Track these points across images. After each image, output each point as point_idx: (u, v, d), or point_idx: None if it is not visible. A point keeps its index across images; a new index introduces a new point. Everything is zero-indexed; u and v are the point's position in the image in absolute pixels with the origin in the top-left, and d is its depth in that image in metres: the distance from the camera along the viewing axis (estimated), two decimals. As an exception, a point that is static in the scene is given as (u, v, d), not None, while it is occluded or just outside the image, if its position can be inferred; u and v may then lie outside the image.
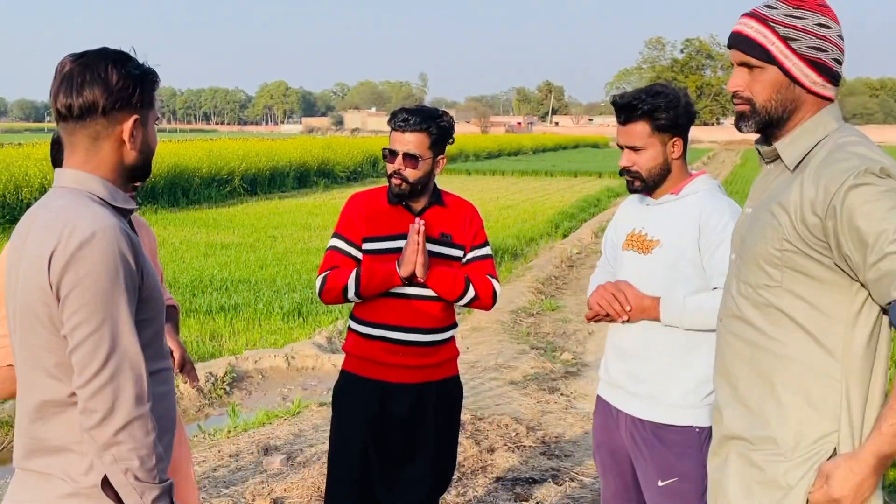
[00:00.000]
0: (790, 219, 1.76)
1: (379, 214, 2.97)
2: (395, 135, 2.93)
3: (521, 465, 4.67)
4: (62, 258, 1.63)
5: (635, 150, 2.63)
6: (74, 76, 1.72)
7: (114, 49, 1.78)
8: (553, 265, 11.56)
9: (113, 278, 1.64)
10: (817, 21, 1.77)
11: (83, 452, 1.70)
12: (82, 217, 1.66)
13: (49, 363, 1.70)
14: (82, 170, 1.76)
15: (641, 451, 2.63)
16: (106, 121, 1.74)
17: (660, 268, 2.61)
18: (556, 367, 6.85)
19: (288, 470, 4.53)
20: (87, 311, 1.62)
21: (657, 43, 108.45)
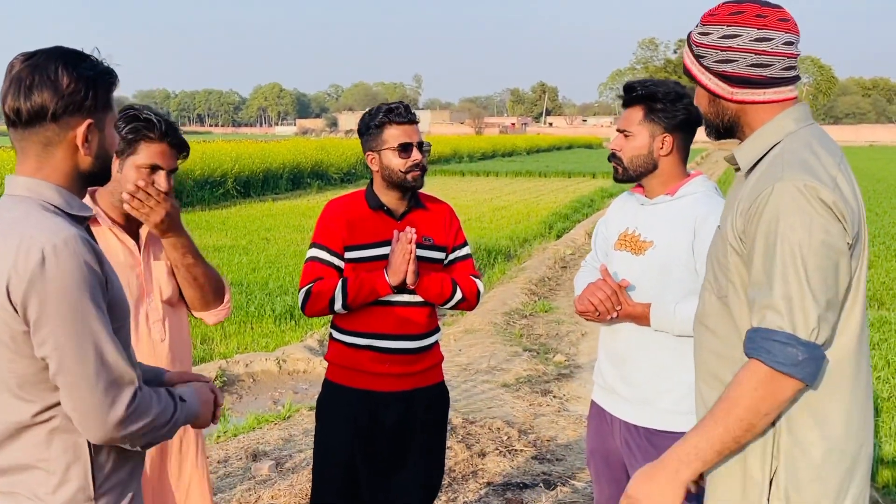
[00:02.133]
0: (733, 224, 1.77)
1: (360, 221, 2.90)
2: (403, 128, 2.86)
3: (513, 470, 4.62)
4: (23, 278, 1.54)
5: (626, 134, 2.62)
6: (23, 78, 1.62)
7: (67, 48, 1.67)
8: (546, 266, 11.52)
9: (82, 291, 1.56)
10: (722, 34, 1.80)
11: (50, 470, 1.64)
12: (38, 230, 1.57)
13: (13, 384, 1.62)
14: (35, 177, 1.66)
15: (636, 457, 2.59)
16: (57, 126, 1.64)
17: (652, 270, 2.57)
18: (549, 369, 6.81)
19: (276, 476, 4.48)
20: (63, 332, 1.55)
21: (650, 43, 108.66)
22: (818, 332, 1.63)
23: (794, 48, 1.80)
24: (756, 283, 1.69)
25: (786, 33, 1.78)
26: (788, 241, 1.64)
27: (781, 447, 1.72)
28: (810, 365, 1.63)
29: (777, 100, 1.82)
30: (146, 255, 2.49)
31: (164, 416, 1.70)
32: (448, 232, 3.01)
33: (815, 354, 1.63)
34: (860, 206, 1.74)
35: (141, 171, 2.37)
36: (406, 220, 2.92)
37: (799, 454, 1.71)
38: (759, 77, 1.79)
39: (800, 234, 1.63)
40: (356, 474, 2.91)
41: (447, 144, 43.52)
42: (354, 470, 2.91)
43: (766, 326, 1.65)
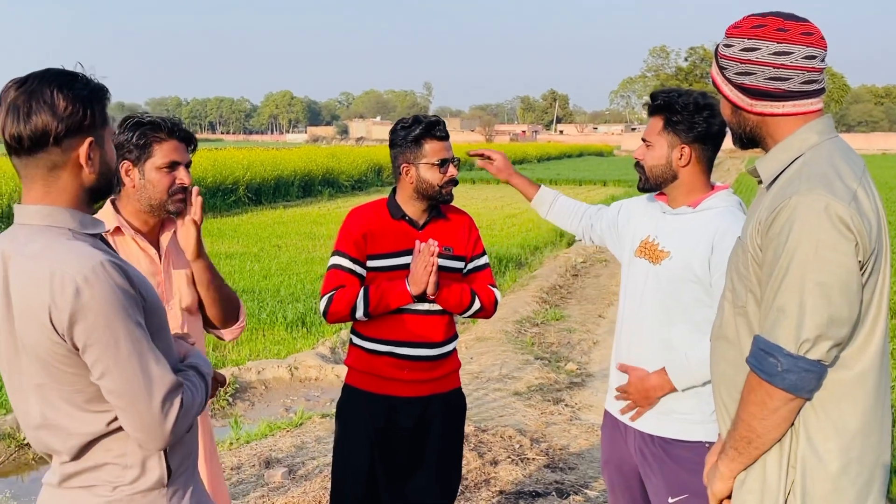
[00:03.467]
0: (752, 236, 1.78)
1: (382, 230, 2.93)
2: (442, 144, 2.93)
3: (525, 479, 4.62)
4: (64, 310, 1.59)
5: (647, 143, 2.63)
6: (20, 105, 1.62)
7: (57, 70, 1.68)
8: (558, 274, 11.51)
9: (118, 314, 1.62)
10: (743, 46, 1.82)
11: (128, 465, 1.73)
12: (67, 262, 1.60)
13: (80, 401, 1.69)
14: (44, 203, 1.68)
15: (651, 466, 2.59)
16: (60, 149, 1.66)
17: (667, 280, 2.57)
18: (561, 377, 6.80)
19: (289, 483, 4.49)
20: (108, 357, 1.62)
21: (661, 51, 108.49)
22: (811, 347, 1.64)
23: (817, 62, 1.80)
24: (763, 292, 1.72)
25: (808, 47, 1.79)
26: (793, 255, 1.65)
27: (799, 457, 1.73)
28: (790, 377, 1.65)
29: (797, 112, 1.83)
30: (166, 264, 2.54)
31: (199, 398, 1.78)
32: (468, 242, 3.05)
33: (799, 367, 1.65)
34: (881, 219, 1.74)
35: (162, 171, 2.44)
36: (427, 230, 2.95)
37: (816, 465, 1.72)
38: (777, 90, 1.81)
39: (806, 248, 1.64)
40: (374, 477, 2.95)
41: (457, 151, 43.34)
42: (372, 472, 2.95)
43: (761, 335, 1.70)
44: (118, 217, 2.48)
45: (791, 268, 1.65)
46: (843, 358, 1.70)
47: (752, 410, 1.72)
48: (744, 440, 1.77)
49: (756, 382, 1.70)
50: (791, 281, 1.65)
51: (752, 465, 1.80)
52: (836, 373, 1.70)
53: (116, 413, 1.67)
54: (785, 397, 1.68)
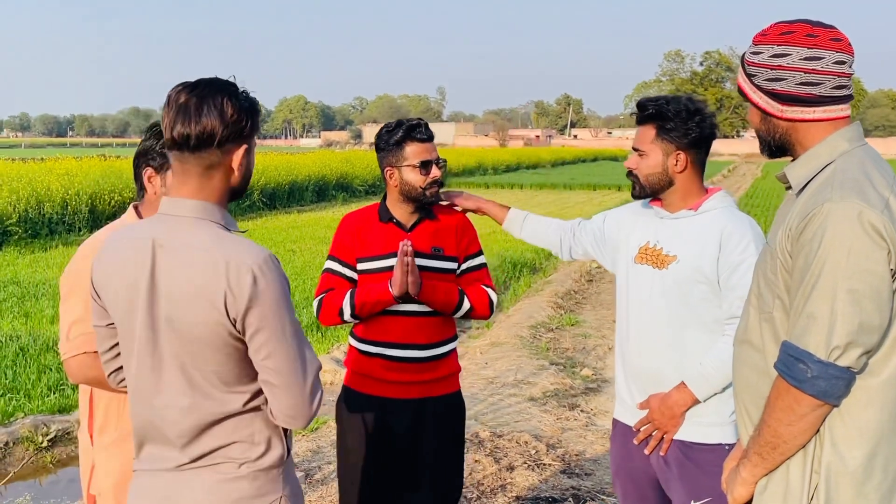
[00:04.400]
0: (782, 242, 1.77)
1: (370, 234, 2.98)
2: (424, 146, 2.93)
3: (541, 484, 4.61)
4: (242, 297, 1.73)
5: (640, 153, 2.62)
6: (192, 108, 1.77)
7: (224, 79, 1.85)
8: (572, 279, 11.49)
9: (285, 301, 1.79)
10: (772, 53, 1.83)
11: (255, 442, 1.85)
12: (242, 253, 1.76)
13: (220, 383, 1.81)
14: (198, 198, 1.82)
15: (672, 471, 2.58)
16: (220, 151, 1.81)
17: (675, 284, 2.57)
18: (576, 383, 6.78)
19: (306, 488, 4.50)
20: (276, 340, 1.77)
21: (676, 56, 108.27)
22: (841, 354, 1.64)
23: (846, 67, 1.80)
24: (793, 298, 1.71)
25: (837, 52, 1.79)
26: (825, 262, 1.65)
27: (823, 463, 1.72)
28: (819, 383, 1.65)
29: (828, 118, 1.82)
30: None
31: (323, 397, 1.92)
32: (460, 242, 3.05)
33: (829, 374, 1.64)
34: None
35: None
36: (415, 232, 2.98)
37: (841, 471, 1.71)
38: (808, 95, 1.80)
39: (837, 255, 1.64)
40: (373, 478, 2.98)
41: (471, 157, 43.62)
42: (370, 473, 2.98)
43: (790, 341, 1.70)
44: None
45: (822, 275, 1.65)
46: (871, 364, 1.69)
47: (778, 416, 1.72)
48: (769, 445, 1.76)
49: (784, 388, 1.70)
50: (822, 288, 1.64)
51: (774, 470, 1.80)
52: (862, 379, 1.69)
53: (270, 392, 1.79)
54: (814, 403, 1.67)
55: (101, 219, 16.69)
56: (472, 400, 6.24)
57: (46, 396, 6.10)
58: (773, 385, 1.74)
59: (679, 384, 2.54)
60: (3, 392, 6.16)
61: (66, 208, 16.67)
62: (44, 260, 12.89)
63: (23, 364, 6.82)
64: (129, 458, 2.43)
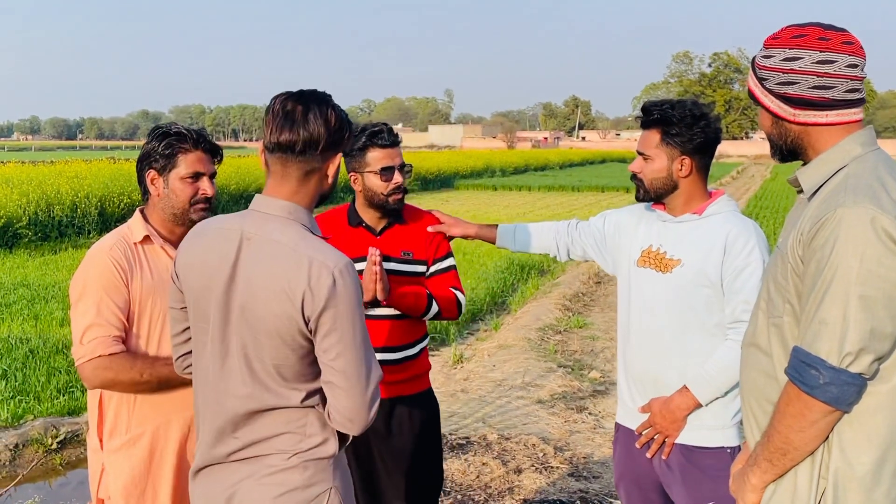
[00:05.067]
0: (793, 247, 1.76)
1: (340, 237, 2.98)
2: (385, 151, 2.91)
3: (549, 487, 4.60)
4: (320, 296, 1.79)
5: (644, 157, 2.62)
6: (298, 114, 1.86)
7: (323, 91, 1.94)
8: (580, 281, 11.47)
9: (358, 307, 1.85)
10: (784, 56, 1.81)
11: (308, 434, 1.90)
12: (323, 254, 1.83)
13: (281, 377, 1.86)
14: (292, 201, 1.91)
15: (674, 475, 2.57)
16: (321, 157, 1.91)
17: (679, 288, 2.56)
18: (584, 385, 6.77)
19: (314, 490, 4.50)
20: (346, 343, 1.82)
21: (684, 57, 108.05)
22: (854, 360, 1.63)
23: (859, 71, 1.79)
24: (804, 303, 1.70)
25: (849, 56, 1.78)
26: (837, 267, 1.63)
27: (831, 469, 1.71)
28: (831, 390, 1.63)
29: (841, 122, 1.81)
30: None
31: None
32: (429, 245, 3.06)
33: (841, 380, 1.63)
34: None
35: (186, 181, 2.48)
36: (385, 236, 2.99)
37: (849, 477, 1.70)
38: (821, 99, 1.79)
39: (850, 261, 1.63)
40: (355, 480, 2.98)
41: (479, 159, 43.61)
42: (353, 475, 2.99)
43: (801, 346, 1.68)
44: (147, 226, 2.51)
45: (835, 280, 1.63)
46: (881, 370, 1.68)
47: (789, 422, 1.71)
48: (779, 452, 1.75)
49: (795, 394, 1.69)
50: (835, 293, 1.63)
51: (782, 476, 1.79)
52: (872, 385, 1.68)
53: (332, 393, 1.84)
54: (825, 410, 1.66)
55: (111, 221, 16.76)
56: (480, 402, 6.24)
57: (56, 399, 6.12)
58: (783, 391, 1.73)
59: (681, 388, 2.53)
60: (12, 394, 6.19)
61: (75, 211, 16.74)
62: (53, 262, 12.94)
63: (32, 366, 6.85)
64: (138, 461, 2.44)
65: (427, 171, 34.09)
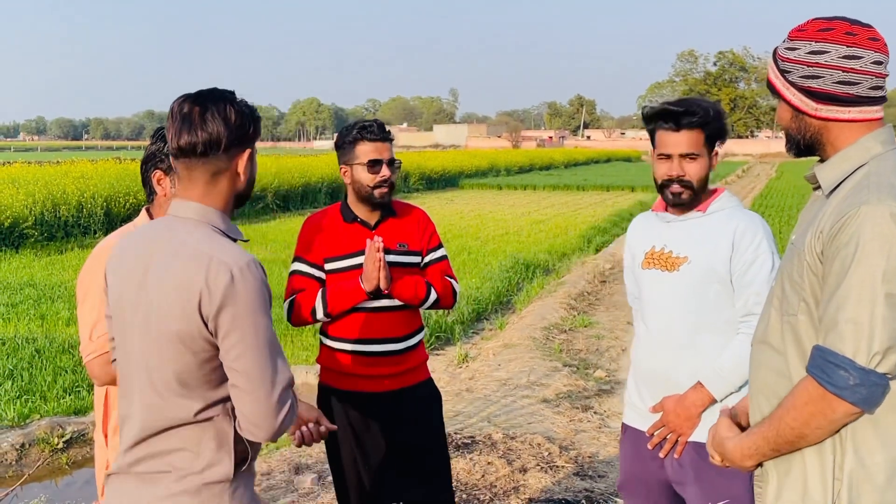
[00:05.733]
0: (811, 244, 1.74)
1: (336, 234, 3.04)
2: (374, 146, 3.00)
3: (555, 486, 4.60)
4: (217, 295, 1.74)
5: (691, 157, 2.59)
6: (196, 116, 1.83)
7: (223, 89, 1.91)
8: (586, 280, 11.45)
9: (262, 307, 1.78)
10: (810, 49, 1.78)
11: (201, 454, 1.83)
12: (223, 253, 1.78)
13: (177, 385, 1.80)
14: (203, 203, 1.87)
15: (687, 473, 2.56)
16: (226, 156, 1.86)
17: (688, 285, 2.56)
18: (590, 384, 6.76)
19: (319, 489, 4.51)
20: (247, 343, 1.75)
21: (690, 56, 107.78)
22: (881, 360, 1.60)
23: (883, 68, 1.77)
24: (826, 302, 1.67)
25: (875, 52, 1.76)
26: (864, 266, 1.61)
27: (846, 470, 1.70)
28: (861, 391, 1.61)
29: (862, 119, 1.79)
30: None
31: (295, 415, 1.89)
32: (422, 236, 3.14)
33: (871, 381, 1.61)
34: None
35: None
36: (379, 230, 3.06)
37: (864, 477, 1.68)
38: (845, 95, 1.77)
39: (877, 259, 1.61)
40: (364, 472, 3.03)
41: (484, 158, 43.59)
42: (360, 467, 3.03)
43: (827, 346, 1.64)
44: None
45: (861, 279, 1.61)
46: None
47: (805, 419, 1.68)
48: (788, 443, 1.74)
49: (819, 394, 1.65)
50: (861, 292, 1.61)
51: (788, 477, 1.78)
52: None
53: (237, 397, 1.77)
54: (851, 411, 1.63)
55: (116, 221, 16.78)
56: (485, 402, 6.24)
57: (62, 398, 6.14)
58: (799, 388, 1.70)
59: (695, 384, 2.53)
60: (18, 394, 6.21)
61: (81, 211, 16.78)
62: (59, 262, 12.97)
63: (38, 366, 6.87)
64: None
65: (432, 170, 34.09)
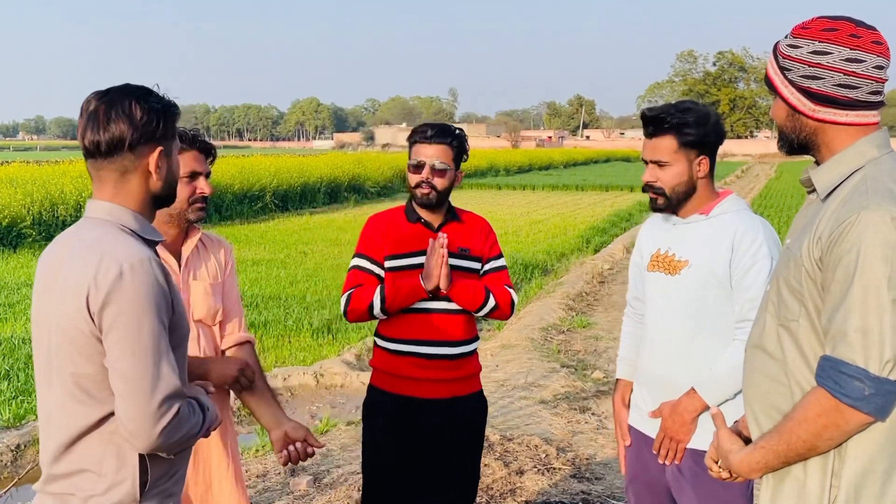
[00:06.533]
0: (809, 250, 1.72)
1: (399, 233, 3.05)
2: (420, 147, 3.03)
3: (551, 489, 4.58)
4: (102, 290, 1.69)
5: (660, 165, 2.58)
6: (100, 114, 1.78)
7: (136, 85, 1.85)
8: (584, 281, 11.43)
9: (150, 307, 1.71)
10: (812, 49, 1.75)
11: (102, 474, 1.76)
12: (117, 249, 1.73)
13: (76, 390, 1.75)
14: (114, 202, 1.82)
15: (685, 480, 2.54)
16: (133, 155, 1.81)
17: (688, 289, 2.54)
18: (588, 385, 6.74)
19: (314, 492, 4.49)
20: (128, 342, 1.69)
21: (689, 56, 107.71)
22: (892, 367, 1.58)
23: (884, 73, 1.75)
24: (831, 311, 1.65)
25: (878, 56, 1.74)
26: (868, 273, 1.59)
27: (843, 476, 1.68)
28: (877, 400, 1.59)
29: (859, 123, 1.77)
30: (186, 275, 2.57)
31: (195, 428, 1.82)
32: (484, 244, 3.14)
33: (885, 390, 1.58)
34: None
35: (183, 181, 2.49)
36: (442, 231, 3.05)
37: (861, 485, 1.67)
38: (844, 98, 1.75)
39: (881, 266, 1.59)
40: (399, 476, 3.01)
41: (483, 158, 43.54)
42: (400, 473, 3.01)
43: (837, 356, 1.62)
44: None
45: (867, 287, 1.59)
46: None
47: (818, 431, 1.65)
48: (798, 456, 1.71)
49: (832, 406, 1.61)
50: (868, 300, 1.59)
51: (783, 483, 1.76)
52: None
53: (116, 402, 1.71)
54: (865, 421, 1.61)
55: (114, 221, 16.74)
56: (483, 403, 6.22)
57: (58, 399, 6.12)
58: (810, 400, 1.66)
59: (689, 390, 2.51)
60: (14, 395, 6.19)
61: (79, 211, 16.71)
62: (57, 262, 12.94)
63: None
64: None
65: (431, 170, 34.02)
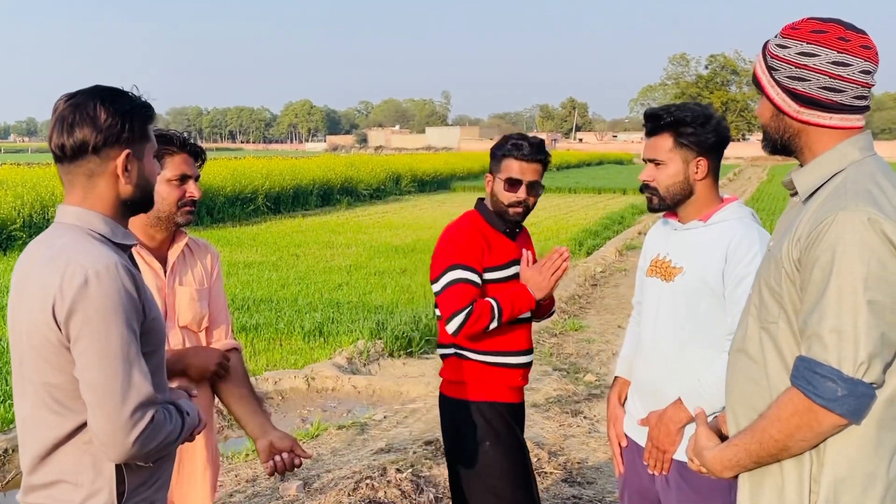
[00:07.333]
0: (789, 251, 1.71)
1: (492, 244, 3.02)
2: (514, 163, 2.96)
3: (543, 493, 4.55)
4: (67, 297, 1.66)
5: (657, 164, 2.55)
6: (66, 117, 1.75)
7: (106, 86, 1.81)
8: (577, 284, 11.43)
9: (118, 314, 1.67)
10: (800, 50, 1.75)
11: (78, 484, 1.74)
12: (84, 255, 1.69)
13: (49, 400, 1.73)
14: (83, 206, 1.79)
15: (670, 488, 2.53)
16: (98, 158, 1.77)
17: (680, 296, 2.52)
18: (580, 389, 6.73)
19: (304, 496, 4.45)
20: (96, 350, 1.66)
21: (681, 59, 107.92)
22: (867, 369, 1.57)
23: (871, 78, 1.75)
24: (807, 311, 1.64)
25: (865, 61, 1.73)
26: (844, 273, 1.59)
27: (822, 480, 1.67)
28: (850, 402, 1.58)
29: (842, 126, 1.76)
30: (171, 280, 2.54)
31: (173, 434, 1.79)
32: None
33: (858, 391, 1.58)
34: None
35: (172, 184, 2.47)
36: (518, 242, 3.11)
37: (841, 488, 1.66)
38: (828, 101, 1.74)
39: (857, 266, 1.58)
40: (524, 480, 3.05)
41: (476, 160, 43.53)
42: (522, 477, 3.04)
43: (812, 357, 1.61)
44: None
45: (842, 287, 1.58)
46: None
47: (790, 432, 1.65)
48: (770, 456, 1.71)
49: (805, 406, 1.61)
50: (843, 301, 1.58)
51: (762, 487, 1.75)
52: None
53: (88, 413, 1.68)
54: (839, 423, 1.60)
55: (105, 223, 16.68)
56: (474, 406, 6.19)
57: (46, 403, 6.07)
58: (783, 400, 1.66)
59: (675, 401, 2.48)
60: (3, 398, 6.14)
61: (70, 213, 16.66)
62: (47, 265, 12.87)
63: (23, 370, 6.79)
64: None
65: (424, 172, 34.06)
